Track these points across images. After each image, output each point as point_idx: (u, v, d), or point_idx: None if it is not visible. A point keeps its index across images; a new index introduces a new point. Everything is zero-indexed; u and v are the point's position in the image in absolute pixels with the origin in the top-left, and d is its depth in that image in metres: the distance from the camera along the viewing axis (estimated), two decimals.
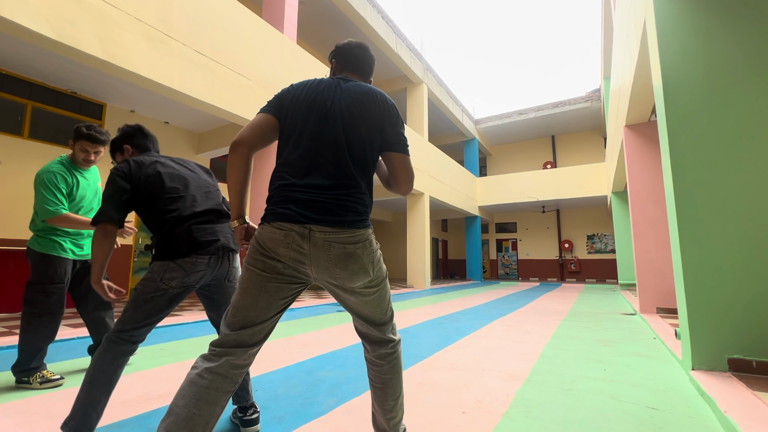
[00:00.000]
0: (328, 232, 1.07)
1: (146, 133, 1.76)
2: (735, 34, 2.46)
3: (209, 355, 1.03)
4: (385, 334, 1.23)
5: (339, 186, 1.11)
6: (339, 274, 1.10)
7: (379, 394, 1.22)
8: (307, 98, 1.17)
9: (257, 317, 1.07)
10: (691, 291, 2.36)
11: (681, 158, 2.49)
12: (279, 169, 1.15)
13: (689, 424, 1.64)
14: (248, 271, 1.08)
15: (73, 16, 3.33)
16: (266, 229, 1.08)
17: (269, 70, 5.51)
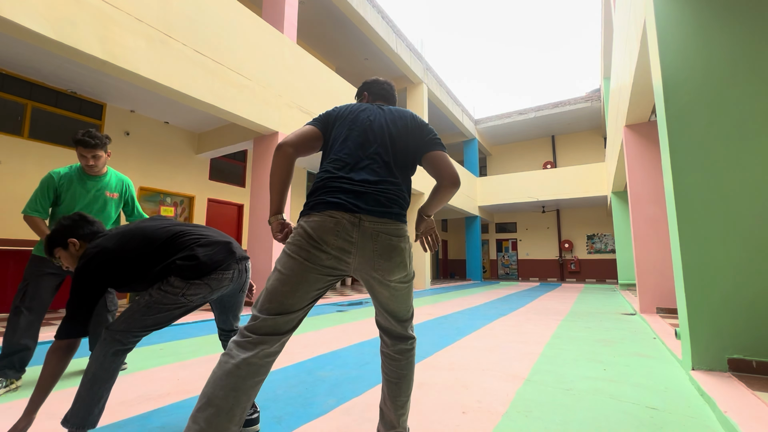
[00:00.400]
0: (377, 222, 1.14)
1: (89, 219, 1.57)
2: (735, 34, 2.46)
3: (244, 343, 1.03)
4: (406, 330, 1.29)
5: (384, 182, 1.21)
6: (381, 266, 1.16)
7: (394, 389, 1.25)
8: (352, 113, 1.34)
9: (293, 305, 1.09)
10: (691, 291, 2.36)
11: (681, 158, 2.49)
12: (325, 167, 1.24)
13: (689, 424, 1.64)
14: (291, 259, 1.11)
15: (73, 16, 3.33)
16: (315, 217, 1.13)
17: (269, 70, 5.51)
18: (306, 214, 1.16)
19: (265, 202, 5.69)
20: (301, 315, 1.12)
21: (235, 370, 0.99)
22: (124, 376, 2.26)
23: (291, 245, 1.13)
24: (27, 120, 5.12)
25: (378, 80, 1.59)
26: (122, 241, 1.43)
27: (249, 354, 1.01)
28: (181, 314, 1.41)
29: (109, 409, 1.74)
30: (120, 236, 1.45)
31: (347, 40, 9.21)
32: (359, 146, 1.25)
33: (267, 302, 1.09)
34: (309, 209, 1.16)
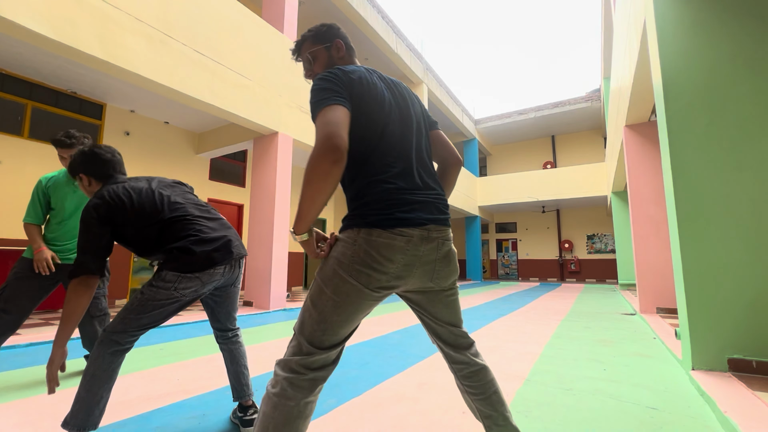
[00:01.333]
0: (440, 231, 1.05)
1: (104, 158, 1.55)
2: (735, 33, 2.46)
3: (300, 381, 0.92)
4: (468, 335, 1.17)
5: (436, 183, 1.10)
6: (441, 273, 1.07)
7: (495, 398, 1.10)
8: (370, 86, 1.06)
9: (344, 334, 0.99)
10: (691, 291, 2.36)
11: (681, 158, 2.49)
12: (373, 169, 1.01)
13: (689, 424, 1.64)
14: (346, 284, 0.95)
15: (73, 16, 3.33)
16: (380, 236, 0.95)
17: (269, 70, 5.51)
18: (364, 226, 0.97)
19: (265, 202, 5.69)
20: (343, 346, 1.02)
21: (298, 414, 0.91)
22: (124, 376, 2.26)
23: (346, 267, 0.96)
24: (27, 120, 5.12)
25: (338, 27, 1.24)
26: (136, 200, 1.43)
27: (310, 397, 0.93)
28: (175, 310, 1.40)
29: (109, 409, 1.74)
30: (137, 194, 1.44)
31: None
32: (403, 137, 1.06)
33: (320, 332, 0.95)
34: (369, 224, 0.96)
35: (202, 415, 1.68)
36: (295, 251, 9.14)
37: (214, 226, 1.52)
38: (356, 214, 1.00)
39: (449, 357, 1.14)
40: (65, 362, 1.37)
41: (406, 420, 1.64)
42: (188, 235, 1.43)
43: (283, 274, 5.65)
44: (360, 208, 1.00)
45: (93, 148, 1.56)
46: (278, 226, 5.61)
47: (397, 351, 2.95)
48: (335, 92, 0.98)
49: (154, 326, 1.40)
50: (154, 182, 1.56)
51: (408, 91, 1.18)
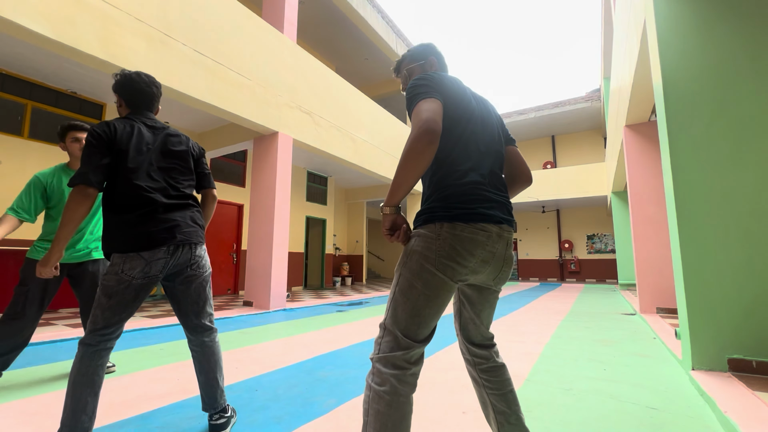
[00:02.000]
0: (510, 232, 1.11)
1: (136, 87, 1.55)
2: (735, 33, 2.46)
3: (405, 376, 0.96)
4: (493, 338, 1.22)
5: (507, 187, 1.18)
6: (503, 273, 1.12)
7: (511, 397, 1.15)
8: (458, 90, 1.13)
9: (434, 325, 1.03)
10: (691, 291, 2.36)
11: (681, 158, 2.49)
12: (455, 164, 1.06)
13: (689, 424, 1.64)
14: (434, 277, 0.99)
15: (73, 16, 3.33)
16: (464, 229, 1.01)
17: (269, 70, 5.51)
18: (447, 220, 1.01)
19: (265, 202, 5.69)
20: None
21: (410, 409, 0.96)
22: (124, 376, 2.26)
23: (434, 261, 0.99)
24: (27, 120, 5.12)
25: (434, 46, 1.34)
26: (125, 142, 1.43)
27: (414, 388, 0.98)
28: (133, 297, 1.36)
29: (109, 409, 1.74)
30: (133, 138, 1.45)
31: (347, 40, 9.21)
32: (485, 136, 1.13)
33: (416, 326, 0.98)
34: (452, 218, 1.01)
35: (202, 415, 1.68)
36: (295, 251, 9.14)
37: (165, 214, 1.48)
38: (438, 206, 1.04)
39: (470, 351, 1.19)
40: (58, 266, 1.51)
41: None
42: (138, 208, 1.40)
43: (283, 274, 5.65)
44: (442, 200, 1.04)
45: (134, 74, 1.56)
46: (278, 226, 5.60)
47: None
48: (431, 88, 1.07)
49: (120, 319, 1.36)
50: (157, 141, 1.52)
51: (490, 106, 1.25)
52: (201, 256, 1.52)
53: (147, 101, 1.58)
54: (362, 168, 7.76)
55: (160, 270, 1.40)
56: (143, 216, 1.39)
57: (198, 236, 1.51)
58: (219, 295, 7.42)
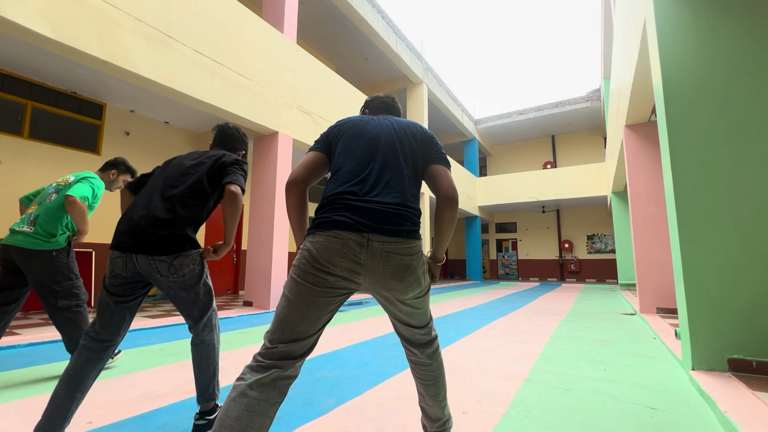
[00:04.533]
0: (386, 242, 1.07)
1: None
2: (735, 33, 2.46)
3: (256, 366, 1.00)
4: (429, 335, 1.27)
5: (395, 196, 1.14)
6: (394, 286, 1.10)
7: (432, 389, 1.26)
8: (355, 126, 1.27)
9: (305, 332, 1.04)
10: (691, 291, 2.36)
11: (681, 158, 2.49)
12: (331, 181, 1.17)
13: (689, 424, 1.64)
14: (297, 284, 1.04)
15: (73, 16, 3.33)
16: (320, 238, 1.05)
17: (269, 70, 5.51)
18: (311, 233, 1.09)
19: (265, 202, 5.69)
20: (315, 338, 1.08)
21: (247, 391, 0.96)
22: (124, 376, 2.26)
23: (296, 269, 1.06)
24: (27, 120, 5.12)
25: (377, 96, 1.55)
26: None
27: (260, 375, 0.98)
28: (104, 296, 1.43)
29: (109, 409, 1.74)
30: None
31: (347, 40, 9.21)
32: (367, 159, 1.19)
33: (278, 331, 1.03)
34: (314, 228, 1.09)
35: None
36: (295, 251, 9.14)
37: (140, 203, 1.52)
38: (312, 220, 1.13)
39: (404, 345, 1.29)
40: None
41: (406, 420, 1.64)
42: (129, 208, 1.55)
43: (283, 274, 5.65)
44: (315, 213, 1.14)
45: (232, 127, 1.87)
46: (278, 226, 5.61)
47: (397, 351, 2.95)
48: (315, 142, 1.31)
49: (101, 316, 1.41)
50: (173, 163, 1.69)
51: (409, 126, 1.31)
52: (165, 261, 1.44)
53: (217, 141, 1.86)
54: None
55: (121, 273, 1.43)
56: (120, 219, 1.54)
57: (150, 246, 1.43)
58: (219, 295, 7.42)
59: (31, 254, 2.12)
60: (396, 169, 1.19)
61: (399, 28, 9.53)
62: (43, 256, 2.15)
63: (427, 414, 1.29)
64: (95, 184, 2.33)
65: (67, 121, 5.53)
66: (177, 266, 1.45)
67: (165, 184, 1.57)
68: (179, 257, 1.46)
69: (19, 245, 2.11)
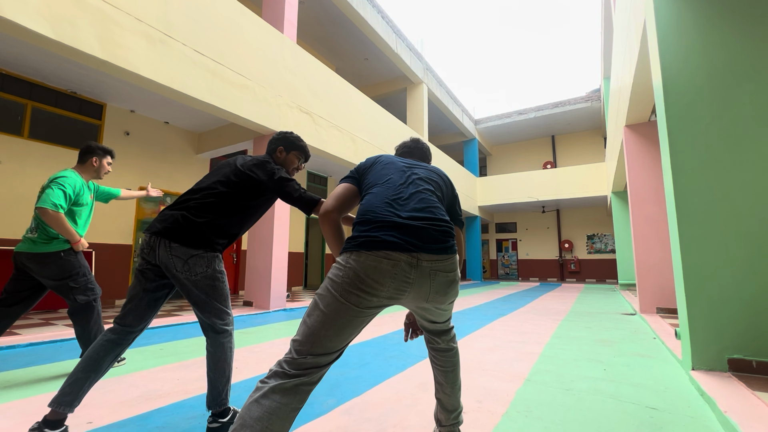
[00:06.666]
0: (434, 260, 1.09)
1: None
2: (735, 33, 2.46)
3: (281, 373, 1.00)
4: (449, 325, 1.37)
5: (437, 214, 1.17)
6: (436, 299, 1.15)
7: (451, 376, 1.34)
8: (387, 158, 1.37)
9: (336, 346, 1.04)
10: (691, 291, 2.36)
11: (681, 158, 2.49)
12: (368, 197, 1.21)
13: (689, 424, 1.64)
14: (337, 303, 1.03)
15: (73, 16, 3.33)
16: (367, 258, 1.04)
17: (269, 70, 5.51)
18: (355, 251, 1.06)
19: None
20: (343, 350, 1.08)
21: (269, 394, 0.97)
22: (125, 376, 2.26)
23: (338, 286, 1.04)
24: (27, 120, 5.11)
25: (403, 142, 1.64)
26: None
27: (283, 381, 0.98)
28: (137, 280, 1.54)
29: (109, 409, 1.74)
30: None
31: (347, 40, 9.21)
32: (402, 182, 1.24)
33: (308, 344, 1.02)
34: (358, 246, 1.06)
35: (201, 415, 1.68)
36: (295, 251, 9.14)
37: (182, 199, 1.62)
38: (351, 237, 1.14)
39: (425, 335, 1.38)
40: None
41: (406, 420, 1.64)
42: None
43: (283, 274, 5.65)
44: (354, 228, 1.17)
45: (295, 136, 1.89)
46: (278, 226, 5.61)
47: (397, 351, 2.95)
48: (347, 176, 1.39)
49: (130, 300, 1.51)
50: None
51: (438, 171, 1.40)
52: (180, 258, 1.47)
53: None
54: None
55: (150, 257, 1.51)
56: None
57: (166, 231, 1.49)
58: None
59: (40, 259, 2.18)
60: (429, 192, 1.24)
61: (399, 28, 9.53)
62: (53, 258, 2.20)
63: (444, 405, 1.34)
64: (65, 184, 2.17)
65: (67, 121, 5.53)
66: (191, 264, 1.50)
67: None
68: (194, 257, 1.50)
69: (28, 251, 2.18)
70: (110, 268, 5.85)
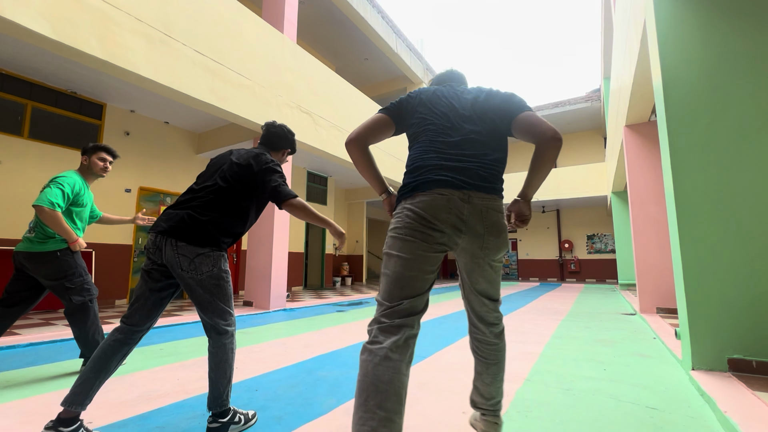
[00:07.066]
0: (485, 198, 1.13)
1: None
2: (735, 33, 2.46)
3: (387, 328, 1.02)
4: (498, 313, 1.31)
5: (484, 155, 1.18)
6: (491, 243, 1.15)
7: (494, 368, 1.30)
8: (427, 94, 1.31)
9: (422, 287, 1.08)
10: (691, 291, 2.36)
11: (681, 158, 2.49)
12: (417, 145, 1.22)
13: (689, 424, 1.64)
14: (408, 242, 1.08)
15: (73, 16, 3.33)
16: (422, 197, 1.10)
17: (269, 70, 5.51)
18: (409, 196, 1.13)
19: None
20: (427, 295, 1.12)
21: (390, 354, 0.97)
22: (125, 376, 2.26)
23: (402, 229, 1.10)
24: (27, 120, 5.11)
25: (447, 70, 1.54)
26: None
27: (396, 337, 1.00)
28: (143, 280, 1.54)
29: (109, 409, 1.74)
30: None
31: (347, 40, 9.21)
32: (449, 123, 1.22)
33: (397, 289, 1.06)
34: (412, 190, 1.13)
35: (202, 415, 1.68)
36: (295, 251, 9.14)
37: (182, 199, 1.62)
38: (403, 186, 1.18)
39: (472, 321, 1.32)
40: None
41: (406, 420, 1.64)
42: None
43: (283, 274, 5.65)
44: (406, 176, 1.20)
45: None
46: (278, 226, 5.60)
47: None
48: (386, 106, 1.37)
49: (136, 299, 1.52)
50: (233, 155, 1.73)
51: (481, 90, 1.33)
52: (187, 257, 1.48)
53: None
54: None
55: (156, 257, 1.52)
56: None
57: (172, 230, 1.50)
58: None
59: (36, 258, 2.19)
60: (480, 129, 1.22)
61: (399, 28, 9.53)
62: (49, 258, 2.20)
63: (481, 392, 1.33)
64: (64, 183, 2.19)
65: (67, 121, 5.53)
66: (198, 263, 1.51)
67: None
68: (201, 255, 1.50)
69: (25, 250, 2.20)
70: (110, 269, 5.85)
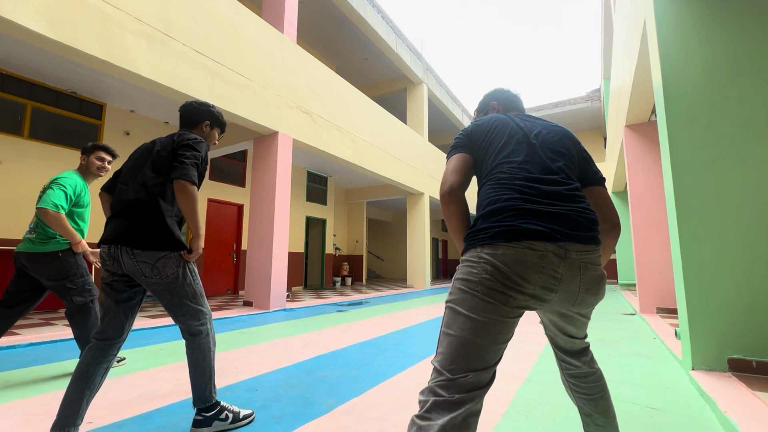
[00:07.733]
0: (583, 252, 0.94)
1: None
2: (735, 33, 2.46)
3: (444, 403, 0.83)
4: (587, 341, 1.14)
5: (579, 197, 0.99)
6: (586, 300, 0.97)
7: (602, 403, 1.11)
8: (498, 121, 1.13)
9: (492, 359, 0.88)
10: (691, 291, 2.36)
11: (681, 158, 2.49)
12: (493, 183, 1.01)
13: (689, 424, 1.64)
14: (484, 303, 0.88)
15: (72, 16, 3.33)
16: (507, 250, 0.89)
17: (269, 70, 5.51)
18: (488, 244, 0.91)
19: (265, 202, 5.69)
20: (495, 368, 0.91)
21: None
22: (125, 376, 2.26)
23: (479, 285, 0.89)
24: (27, 120, 5.11)
25: (501, 89, 1.38)
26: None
27: (453, 414, 0.81)
28: (107, 293, 1.47)
29: (109, 409, 1.74)
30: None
31: (347, 40, 9.21)
32: (531, 156, 1.02)
33: (462, 359, 0.86)
34: (492, 237, 0.91)
35: None
36: (295, 251, 9.14)
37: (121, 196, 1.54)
38: (478, 228, 0.97)
39: (559, 356, 1.15)
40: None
41: (406, 420, 1.64)
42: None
43: (283, 274, 5.65)
44: (483, 219, 0.97)
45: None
46: (278, 226, 5.60)
47: (397, 351, 2.95)
48: (458, 143, 1.15)
49: (105, 314, 1.46)
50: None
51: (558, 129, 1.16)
52: (146, 263, 1.42)
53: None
54: (362, 168, 7.76)
55: (113, 269, 1.46)
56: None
57: (123, 238, 1.42)
58: (219, 295, 7.42)
59: (38, 259, 2.19)
60: (565, 169, 1.04)
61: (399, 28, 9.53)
62: (51, 258, 2.21)
63: None
64: (66, 184, 2.20)
65: (67, 121, 5.53)
66: (161, 267, 1.44)
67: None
68: (161, 259, 1.44)
69: (26, 251, 2.20)
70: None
